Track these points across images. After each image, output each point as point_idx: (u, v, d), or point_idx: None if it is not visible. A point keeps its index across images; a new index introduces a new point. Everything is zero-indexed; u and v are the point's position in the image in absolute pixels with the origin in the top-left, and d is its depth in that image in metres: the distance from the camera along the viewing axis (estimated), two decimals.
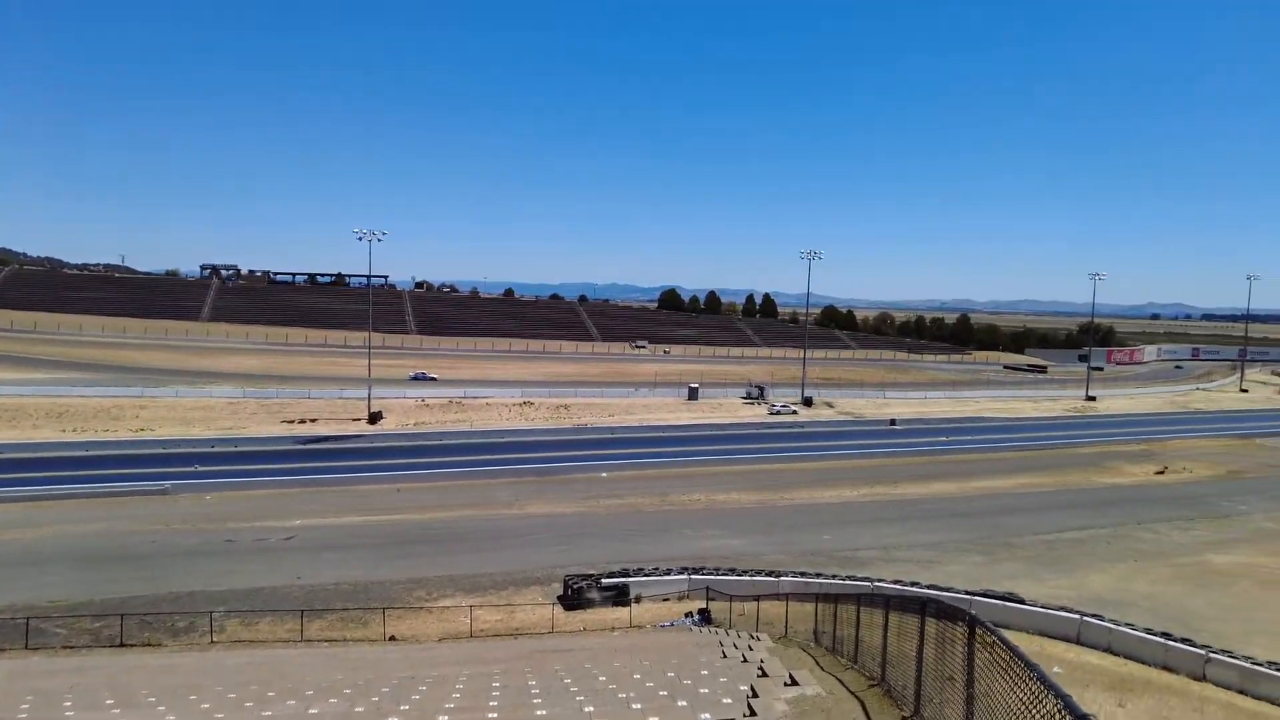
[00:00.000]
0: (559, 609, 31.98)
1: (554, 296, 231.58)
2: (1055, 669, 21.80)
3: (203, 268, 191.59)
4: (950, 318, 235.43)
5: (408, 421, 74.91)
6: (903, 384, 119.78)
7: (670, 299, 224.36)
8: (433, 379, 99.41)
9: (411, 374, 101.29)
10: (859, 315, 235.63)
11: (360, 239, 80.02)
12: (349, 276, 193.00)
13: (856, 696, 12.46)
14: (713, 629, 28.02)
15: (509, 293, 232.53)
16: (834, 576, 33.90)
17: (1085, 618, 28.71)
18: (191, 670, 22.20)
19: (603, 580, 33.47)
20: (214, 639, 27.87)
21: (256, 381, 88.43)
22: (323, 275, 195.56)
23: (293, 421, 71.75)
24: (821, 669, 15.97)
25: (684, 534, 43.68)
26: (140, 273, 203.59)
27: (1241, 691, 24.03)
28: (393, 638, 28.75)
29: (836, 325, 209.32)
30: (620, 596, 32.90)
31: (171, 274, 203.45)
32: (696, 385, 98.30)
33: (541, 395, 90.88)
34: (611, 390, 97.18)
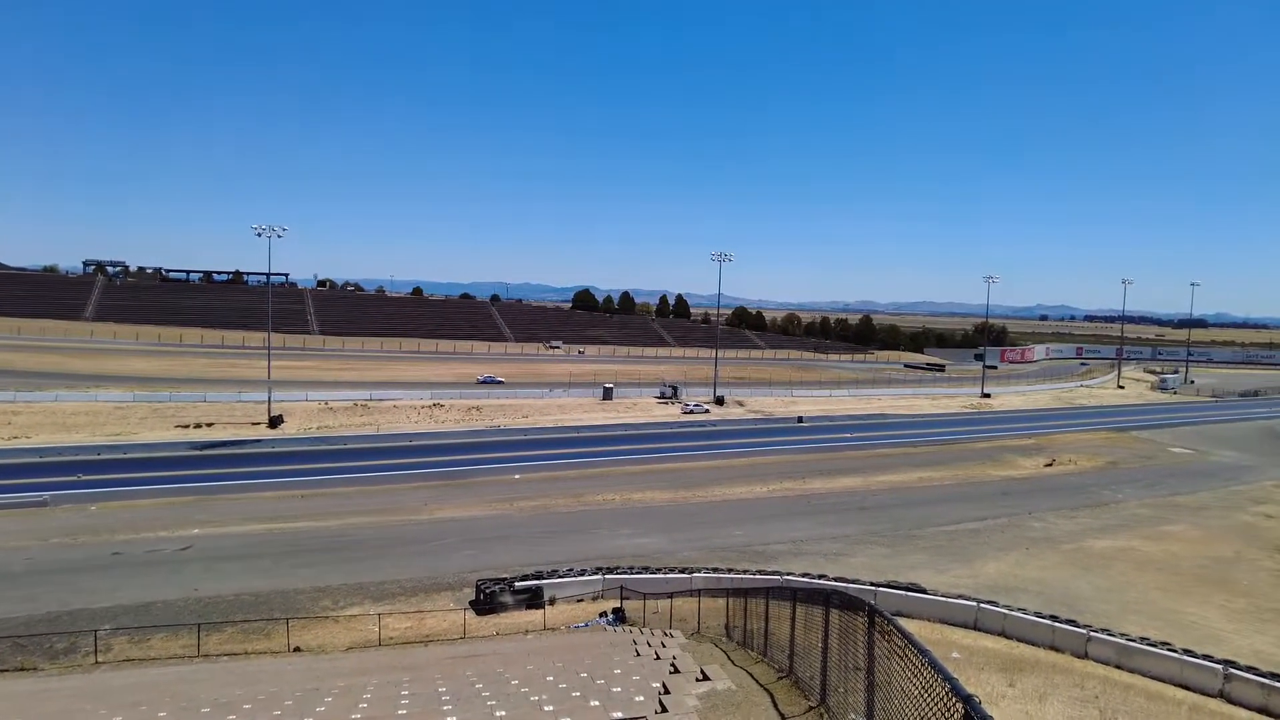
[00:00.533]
0: (471, 614, 31.50)
1: (465, 296, 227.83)
2: (954, 654, 22.84)
3: (86, 264, 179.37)
4: (854, 319, 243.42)
5: (310, 425, 72.32)
6: (809, 382, 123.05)
7: (584, 299, 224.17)
8: (500, 381, 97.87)
9: (481, 377, 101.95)
10: (768, 316, 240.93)
11: (259, 235, 76.81)
12: (247, 275, 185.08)
13: (766, 689, 12.73)
14: (626, 628, 28.15)
15: (417, 292, 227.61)
16: (745, 571, 34.57)
17: (982, 604, 30.17)
18: (71, 694, 20.79)
19: (516, 583, 33.15)
20: (99, 659, 26.17)
21: (148, 384, 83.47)
22: (220, 273, 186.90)
23: (187, 426, 68.25)
24: (733, 663, 16.24)
25: (599, 534, 43.70)
26: (11, 268, 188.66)
27: (1118, 666, 25.78)
28: (297, 649, 27.71)
29: (747, 326, 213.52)
30: (534, 599, 32.67)
31: (50, 270, 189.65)
32: (611, 385, 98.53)
33: (452, 397, 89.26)
34: (525, 391, 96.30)
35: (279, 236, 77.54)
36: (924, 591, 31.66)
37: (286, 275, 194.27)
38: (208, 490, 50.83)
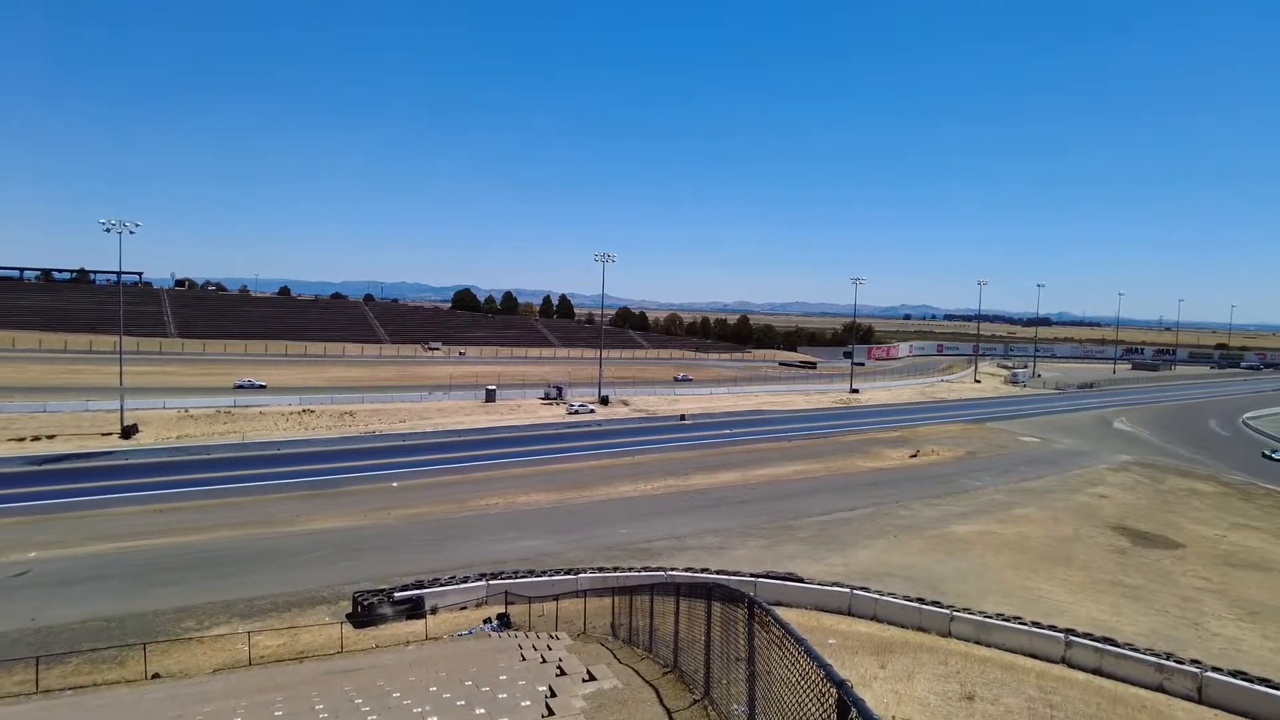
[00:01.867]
0: (349, 627, 30.31)
1: (336, 296, 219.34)
2: (830, 640, 23.86)
3: None
4: (732, 319, 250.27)
5: (169, 434, 67.57)
6: (691, 381, 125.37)
7: (465, 299, 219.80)
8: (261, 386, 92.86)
9: (239, 381, 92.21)
10: (651, 316, 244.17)
11: (108, 231, 70.90)
12: (95, 273, 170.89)
13: (651, 685, 12.91)
14: (512, 633, 27.85)
15: (285, 291, 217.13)
16: (631, 569, 34.85)
17: (855, 591, 31.60)
18: None
19: (395, 594, 32.14)
20: None
21: None
22: (61, 271, 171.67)
23: (23, 439, 62.30)
24: (619, 661, 16.38)
25: (482, 539, 42.97)
26: None
27: (977, 642, 27.61)
28: (156, 676, 25.82)
29: (630, 326, 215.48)
30: (415, 609, 31.79)
31: None
32: (494, 387, 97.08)
33: (323, 402, 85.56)
34: (402, 394, 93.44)
35: (130, 233, 71.95)
36: (801, 580, 32.88)
37: (140, 274, 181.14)
38: (49, 509, 46.55)
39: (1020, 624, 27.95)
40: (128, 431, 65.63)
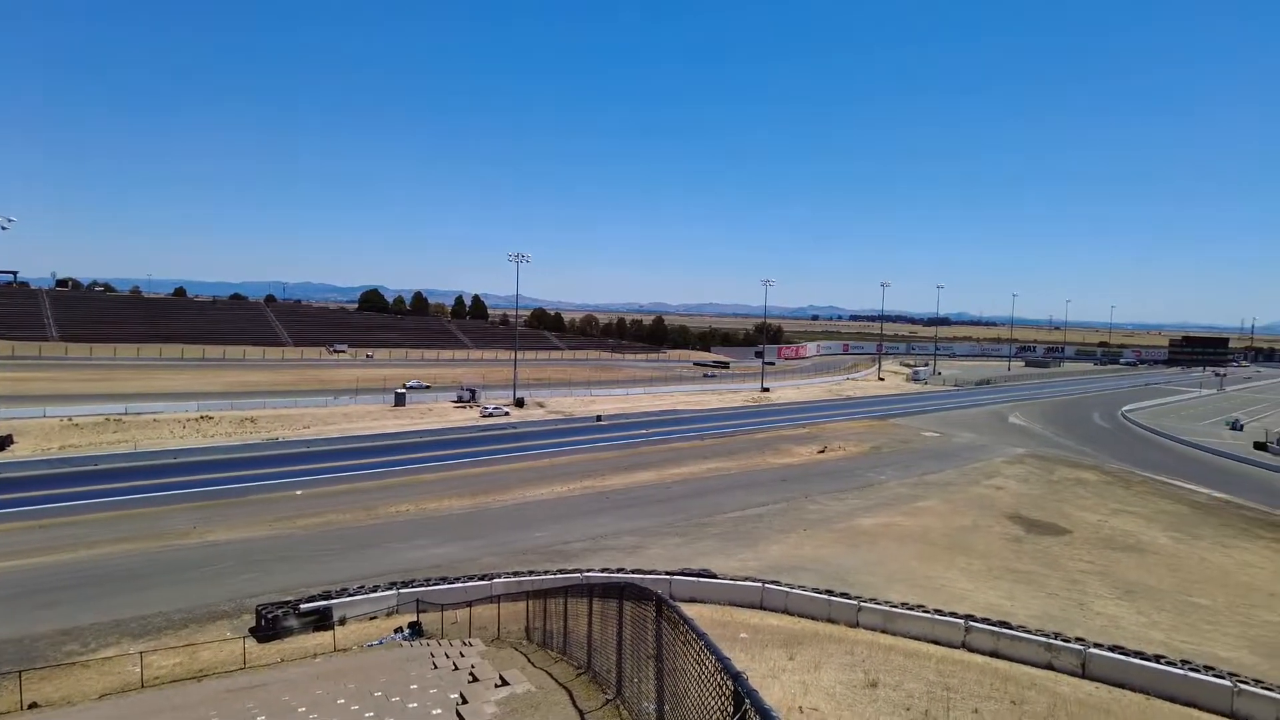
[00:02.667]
0: (252, 642, 29.05)
1: (236, 296, 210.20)
2: (742, 634, 24.30)
3: None
4: (648, 319, 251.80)
5: (50, 445, 63.30)
6: (607, 382, 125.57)
7: (372, 300, 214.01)
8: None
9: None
10: (566, 317, 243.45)
11: None
12: None
13: (565, 687, 12.88)
14: (424, 641, 27.28)
15: (180, 292, 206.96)
16: (546, 572, 34.60)
17: (766, 585, 32.27)
18: None
19: (301, 605, 31.01)
20: None
21: None
22: None
23: None
24: (533, 665, 16.27)
25: (393, 547, 41.91)
26: None
27: (884, 631, 28.62)
28: (34, 705, 24.10)
29: (545, 327, 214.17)
30: (322, 620, 30.74)
31: None
32: (404, 390, 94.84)
33: (222, 408, 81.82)
34: (307, 399, 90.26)
35: (3, 229, 67.15)
36: (715, 577, 33.36)
37: (15, 274, 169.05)
38: None
39: (923, 612, 29.12)
40: (1, 443, 61.19)
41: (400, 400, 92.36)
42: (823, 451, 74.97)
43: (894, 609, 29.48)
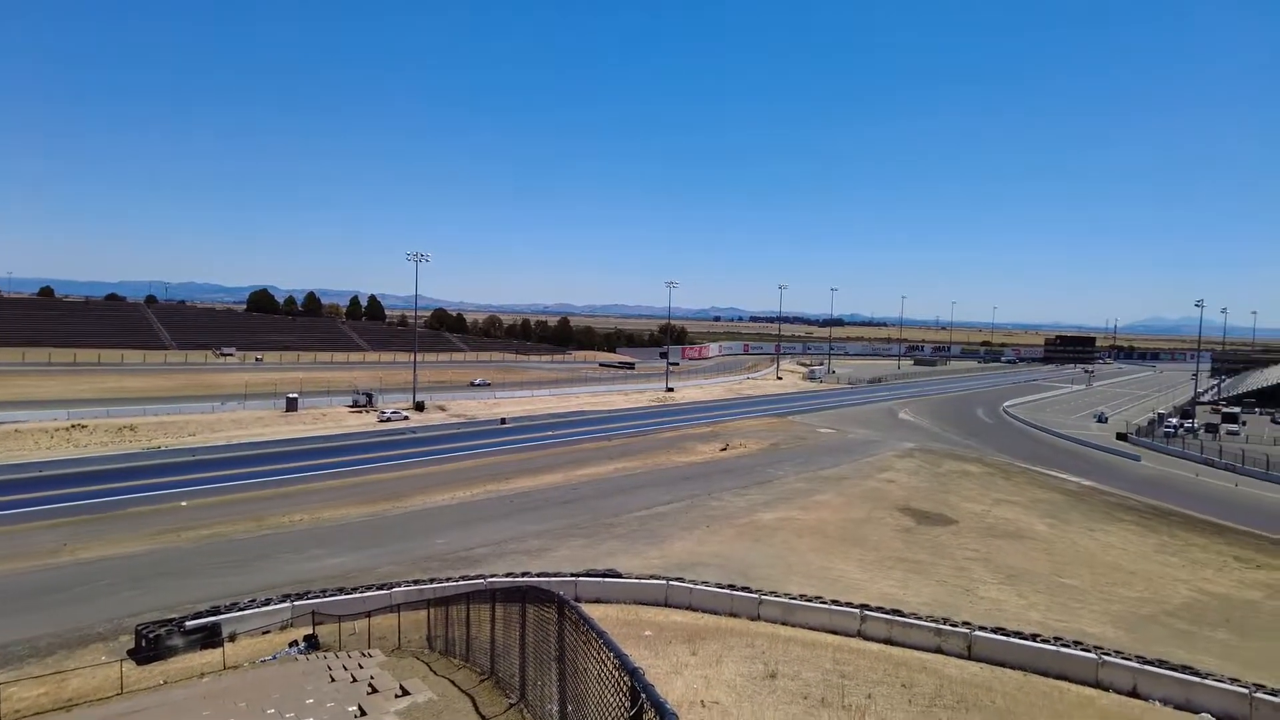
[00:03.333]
0: (131, 665, 27.28)
1: (112, 297, 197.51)
2: (646, 632, 24.50)
3: None
4: (553, 320, 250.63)
5: None
6: (511, 384, 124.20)
7: (262, 300, 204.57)
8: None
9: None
10: (469, 318, 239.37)
11: None
12: None
13: (467, 694, 12.71)
14: (321, 654, 26.33)
15: (47, 292, 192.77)
16: (449, 579, 33.97)
17: (671, 582, 32.60)
18: None
19: (187, 622, 29.37)
20: None
21: None
22: None
23: None
24: (435, 673, 15.97)
25: (286, 558, 40.22)
26: None
27: (784, 623, 29.39)
28: None
29: (447, 328, 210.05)
30: (211, 637, 29.20)
31: None
32: (296, 395, 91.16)
33: (97, 415, 76.62)
34: (192, 405, 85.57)
35: None
36: (620, 576, 33.50)
37: None
38: None
39: (821, 603, 30.07)
40: None
41: (292, 405, 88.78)
42: (725, 449, 76.38)
43: (793, 601, 30.33)
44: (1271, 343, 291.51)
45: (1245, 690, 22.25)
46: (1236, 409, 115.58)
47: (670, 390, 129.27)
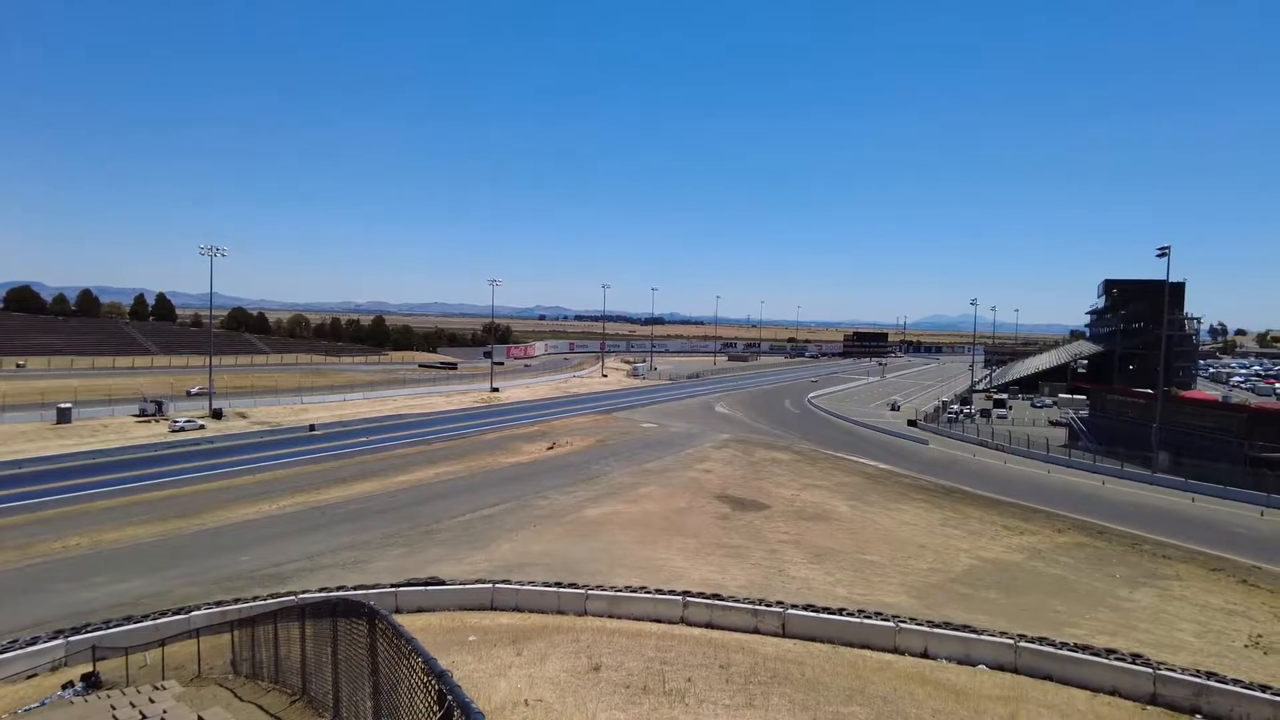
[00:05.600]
0: None
1: None
2: (471, 637, 24.08)
3: None
4: (367, 319, 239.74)
5: None
6: (321, 388, 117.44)
7: (24, 298, 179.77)
8: None
9: None
10: (272, 318, 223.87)
11: None
12: None
13: (276, 718, 11.96)
14: (104, 693, 23.69)
15: None
16: (256, 598, 31.66)
17: (496, 585, 32.19)
18: None
19: None
20: None
21: None
22: None
23: None
24: (239, 700, 14.88)
25: (60, 589, 35.78)
26: None
27: (610, 615, 29.85)
28: None
29: (248, 329, 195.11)
30: None
31: None
32: (69, 405, 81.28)
33: None
34: None
35: None
36: (443, 583, 32.68)
37: None
38: None
39: (645, 593, 30.85)
40: None
41: (65, 416, 79.14)
42: (552, 448, 76.43)
43: (619, 593, 30.90)
44: (1033, 336, 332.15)
45: (1011, 640, 25.34)
46: (1004, 395, 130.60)
47: (495, 390, 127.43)
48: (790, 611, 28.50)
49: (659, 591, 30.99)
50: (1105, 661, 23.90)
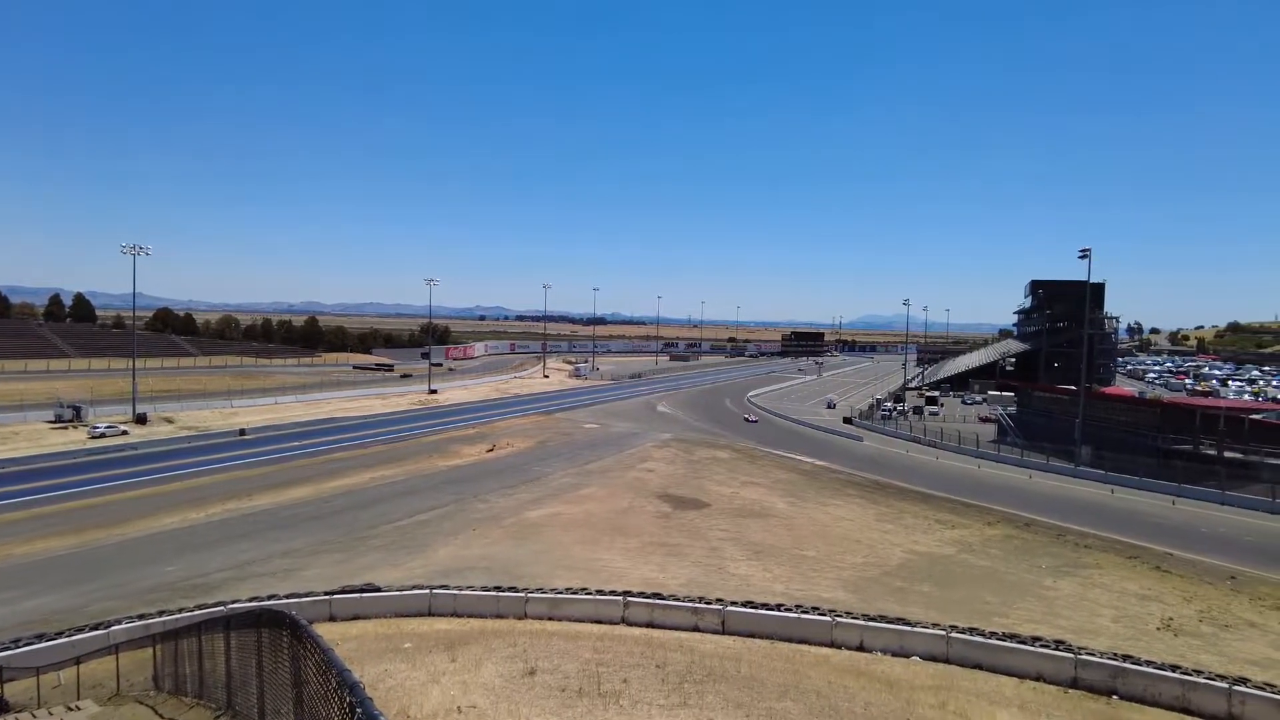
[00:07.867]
0: None
1: None
2: (406, 644, 23.63)
3: None
4: (299, 320, 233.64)
5: None
6: (252, 390, 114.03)
7: None
8: None
9: None
10: (201, 319, 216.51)
11: None
12: None
13: None
14: (11, 716, 22.51)
15: None
16: (181, 610, 30.48)
17: (434, 590, 31.64)
18: None
19: None
20: None
21: None
22: None
23: None
24: (160, 717, 14.34)
25: None
26: None
27: (550, 618, 29.64)
28: None
29: (174, 330, 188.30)
30: None
31: None
32: None
33: None
34: None
35: None
36: (379, 590, 32.00)
37: None
38: None
39: (586, 594, 30.71)
40: None
41: None
42: (492, 450, 75.66)
43: (559, 595, 30.70)
44: (964, 335, 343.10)
45: (943, 632, 26.05)
46: (936, 393, 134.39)
47: (434, 392, 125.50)
48: (729, 609, 28.74)
49: (600, 592, 30.89)
50: (1031, 649, 24.80)
